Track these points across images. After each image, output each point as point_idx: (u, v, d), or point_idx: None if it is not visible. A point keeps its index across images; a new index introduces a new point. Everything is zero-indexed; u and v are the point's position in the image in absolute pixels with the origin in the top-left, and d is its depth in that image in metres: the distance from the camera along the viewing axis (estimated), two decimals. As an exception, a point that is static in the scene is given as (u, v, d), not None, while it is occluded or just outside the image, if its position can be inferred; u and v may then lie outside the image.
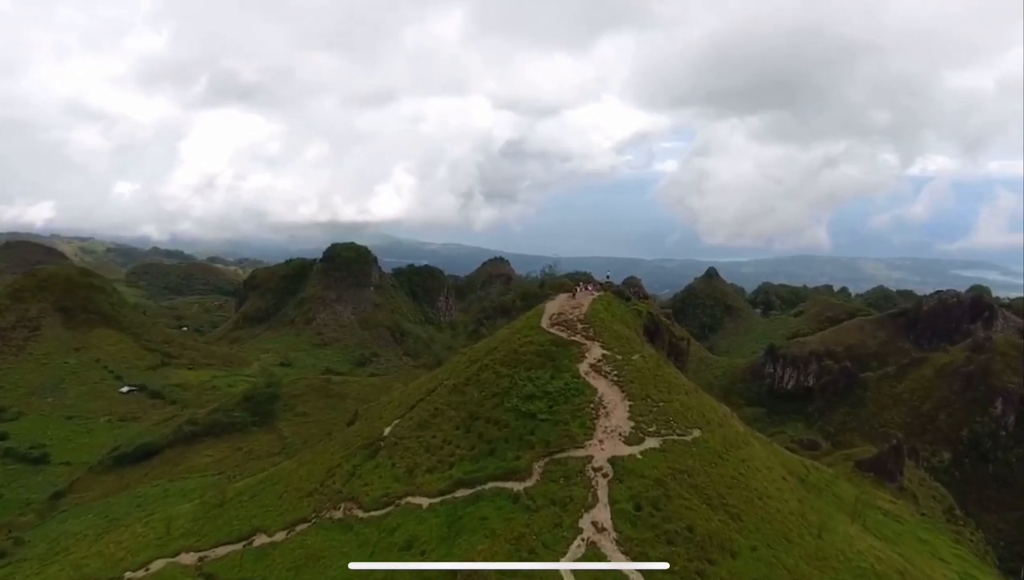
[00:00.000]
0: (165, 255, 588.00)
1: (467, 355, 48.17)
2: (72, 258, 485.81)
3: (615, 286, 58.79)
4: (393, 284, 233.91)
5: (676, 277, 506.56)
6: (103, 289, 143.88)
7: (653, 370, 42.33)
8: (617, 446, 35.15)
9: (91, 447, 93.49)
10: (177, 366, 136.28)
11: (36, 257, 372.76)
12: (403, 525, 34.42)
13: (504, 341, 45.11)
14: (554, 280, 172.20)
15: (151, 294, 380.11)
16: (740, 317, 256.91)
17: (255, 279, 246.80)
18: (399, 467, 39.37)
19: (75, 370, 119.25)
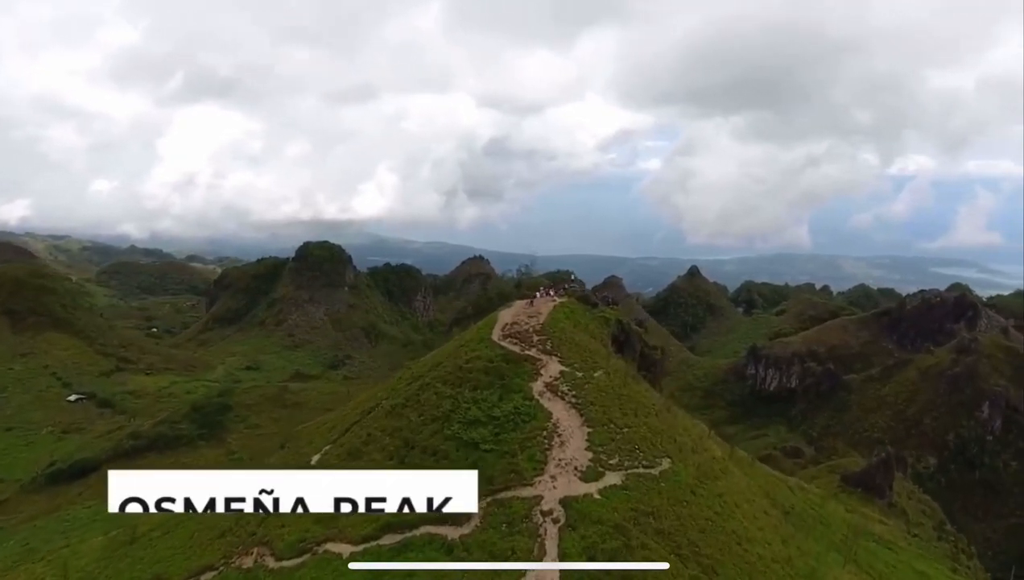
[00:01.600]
0: (143, 254, 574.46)
1: (410, 370, 42.85)
2: (44, 257, 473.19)
3: (580, 291, 53.80)
4: (368, 284, 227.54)
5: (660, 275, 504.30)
6: (55, 290, 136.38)
7: (618, 388, 37.26)
8: (571, 483, 29.99)
9: (29, 462, 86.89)
10: (134, 372, 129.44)
11: (4, 256, 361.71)
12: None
13: (450, 356, 39.84)
14: (530, 279, 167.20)
15: (123, 294, 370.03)
16: (723, 316, 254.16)
17: (226, 279, 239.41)
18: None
19: (20, 377, 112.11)
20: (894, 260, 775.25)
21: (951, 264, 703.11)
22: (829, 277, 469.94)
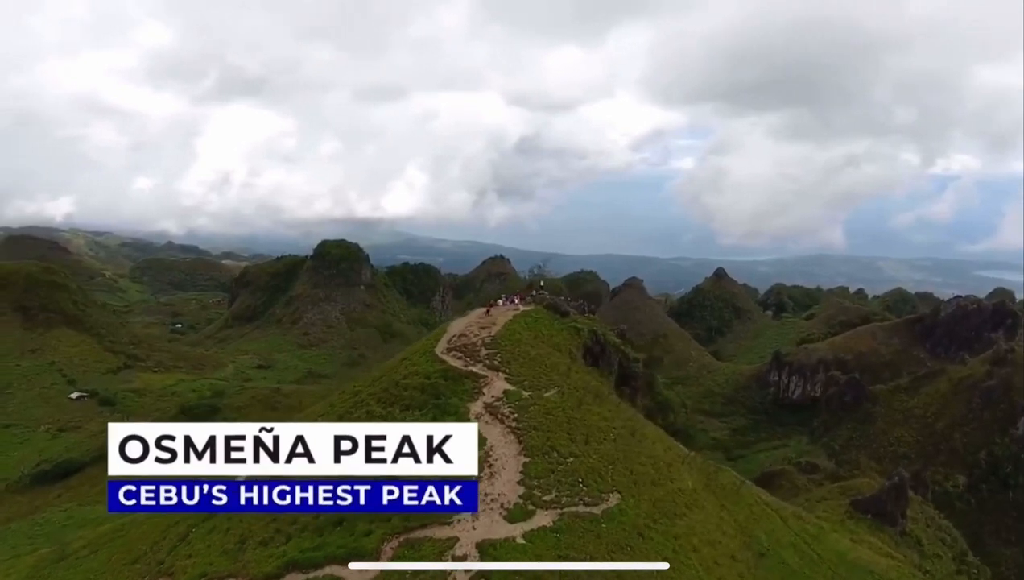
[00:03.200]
0: (180, 250, 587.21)
1: (353, 384, 39.63)
2: (84, 252, 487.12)
3: (549, 298, 49.94)
4: (386, 282, 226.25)
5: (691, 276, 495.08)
6: (67, 287, 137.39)
7: (571, 410, 33.45)
8: (494, 523, 26.34)
9: (21, 461, 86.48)
10: (141, 370, 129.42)
11: (39, 251, 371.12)
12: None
13: (388, 371, 36.49)
14: (546, 280, 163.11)
15: (154, 290, 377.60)
16: (749, 319, 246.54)
17: (246, 276, 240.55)
18: (233, 534, 30.92)
19: (26, 373, 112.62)
20: (935, 262, 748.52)
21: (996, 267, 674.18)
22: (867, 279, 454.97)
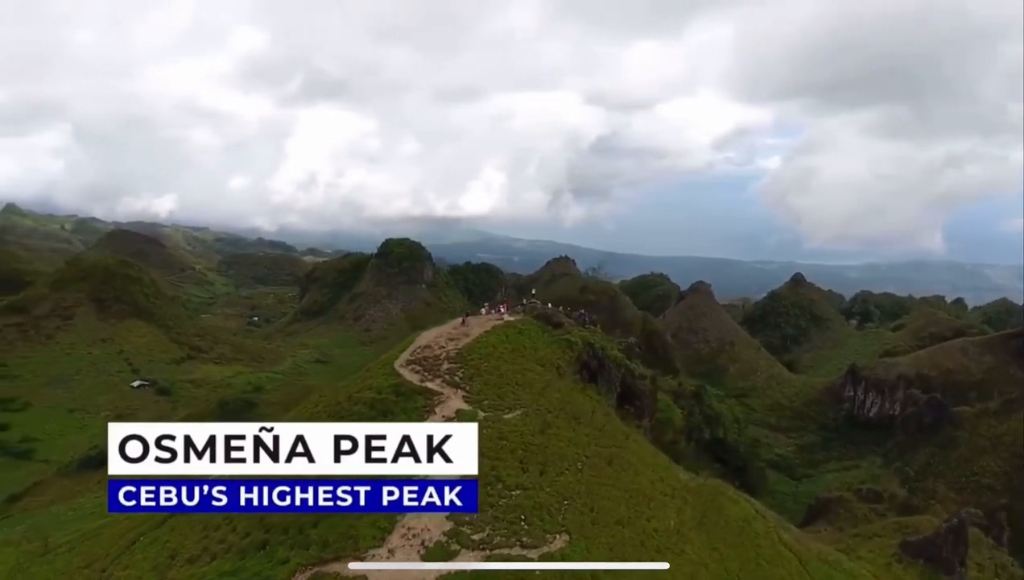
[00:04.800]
0: (268, 246, 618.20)
1: (319, 396, 37.92)
2: (181, 247, 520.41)
3: (540, 308, 46.49)
4: (447, 282, 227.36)
5: (774, 280, 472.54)
6: (140, 280, 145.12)
7: (531, 435, 30.28)
8: (409, 561, 23.72)
9: (78, 444, 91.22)
10: (203, 361, 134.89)
11: (138, 245, 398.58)
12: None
13: (345, 385, 34.48)
14: (598, 283, 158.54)
15: (239, 283, 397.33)
16: (829, 329, 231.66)
17: (315, 272, 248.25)
18: (168, 547, 29.82)
19: (96, 361, 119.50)
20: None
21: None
22: (971, 288, 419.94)
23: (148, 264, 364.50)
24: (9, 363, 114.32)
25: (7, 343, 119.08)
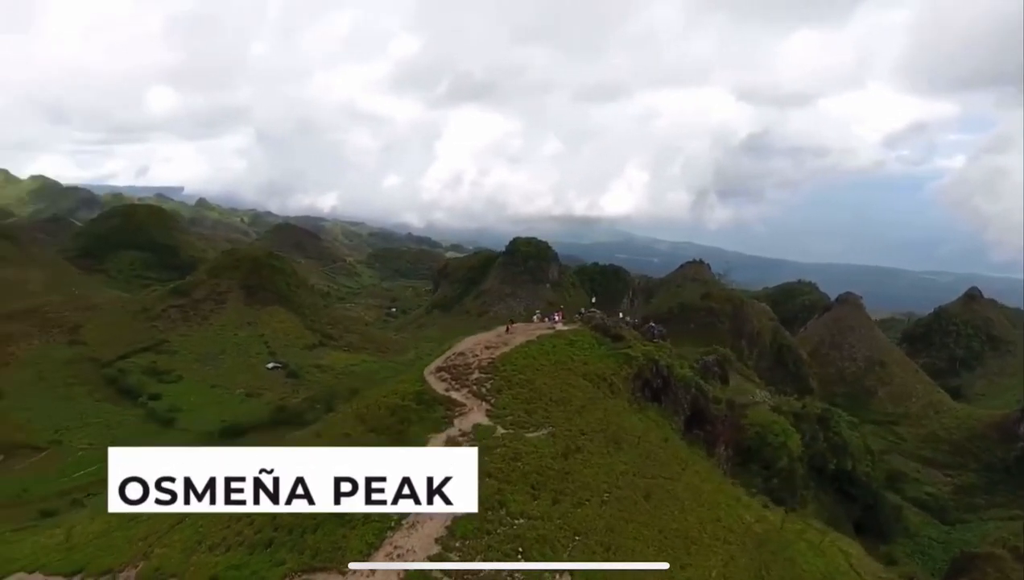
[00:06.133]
0: (415, 241, 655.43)
1: (358, 397, 37.80)
2: (338, 240, 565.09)
3: (599, 319, 42.92)
4: (573, 282, 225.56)
5: (948, 293, 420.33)
6: (283, 270, 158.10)
7: (552, 458, 27.83)
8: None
9: (212, 418, 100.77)
10: (333, 348, 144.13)
11: (297, 238, 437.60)
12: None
13: (381, 388, 33.96)
14: (724, 290, 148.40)
15: (383, 275, 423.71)
16: (1009, 353, 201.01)
17: (447, 268, 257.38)
18: (199, 532, 30.97)
19: (239, 343, 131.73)
20: None
21: None
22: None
23: (305, 255, 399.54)
24: (170, 340, 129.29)
25: (170, 322, 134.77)
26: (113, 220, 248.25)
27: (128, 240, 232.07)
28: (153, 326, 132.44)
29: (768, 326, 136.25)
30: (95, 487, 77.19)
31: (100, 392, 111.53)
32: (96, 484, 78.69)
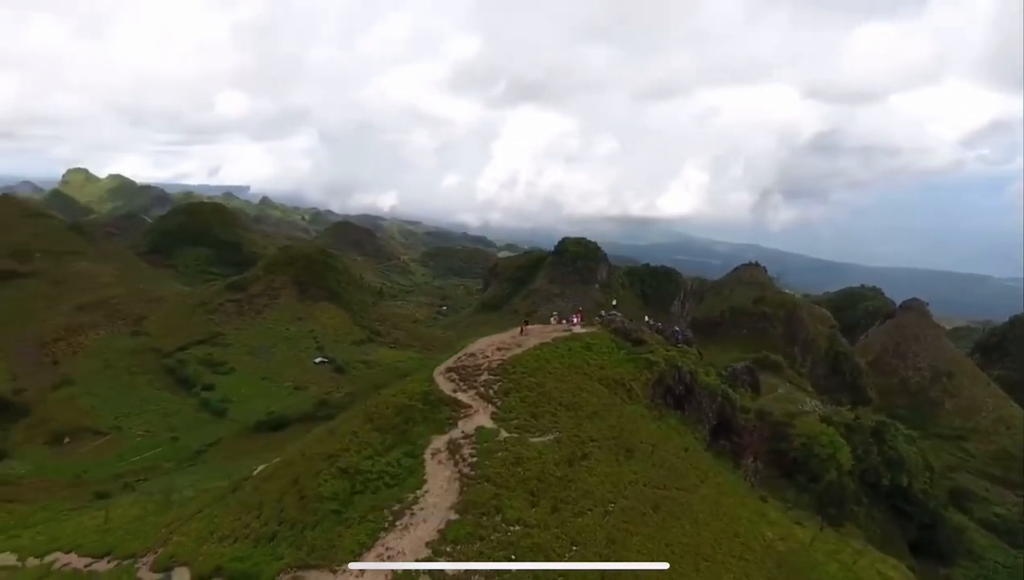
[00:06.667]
0: (470, 241, 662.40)
1: (375, 395, 37.90)
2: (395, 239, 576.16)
3: (620, 321, 41.52)
4: (623, 283, 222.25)
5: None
6: (335, 268, 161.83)
7: (555, 464, 27.12)
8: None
9: (261, 408, 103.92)
10: (380, 344, 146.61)
11: (355, 236, 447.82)
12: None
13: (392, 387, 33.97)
14: (777, 294, 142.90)
15: (436, 274, 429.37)
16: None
17: (497, 268, 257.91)
18: (214, 523, 31.68)
19: (290, 337, 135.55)
20: None
21: None
22: None
23: (362, 252, 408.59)
24: (226, 333, 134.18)
25: (227, 316, 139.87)
26: (180, 217, 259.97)
27: (194, 237, 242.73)
28: (210, 319, 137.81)
29: (824, 332, 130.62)
30: (147, 473, 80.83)
31: (159, 381, 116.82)
32: (148, 470, 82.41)
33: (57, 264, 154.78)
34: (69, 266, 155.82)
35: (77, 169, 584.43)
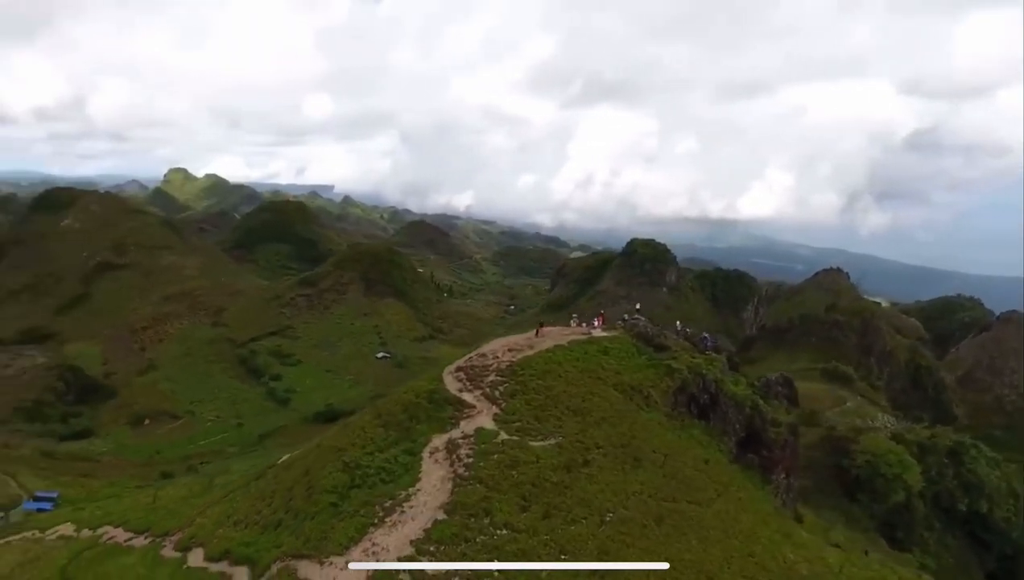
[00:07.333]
0: (543, 241, 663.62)
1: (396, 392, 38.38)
2: (469, 238, 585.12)
3: (642, 326, 39.91)
4: (692, 287, 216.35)
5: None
6: (401, 265, 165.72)
7: (552, 470, 26.63)
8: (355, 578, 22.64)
9: (320, 400, 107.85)
10: (441, 341, 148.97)
11: (428, 235, 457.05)
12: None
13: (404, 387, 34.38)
14: (853, 302, 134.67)
15: (507, 273, 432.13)
16: None
17: (564, 268, 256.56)
18: (233, 508, 33.11)
19: (355, 332, 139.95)
20: None
21: None
22: None
23: (435, 251, 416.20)
24: (295, 326, 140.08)
25: (297, 309, 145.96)
26: (264, 215, 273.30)
27: (276, 233, 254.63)
28: (282, 312, 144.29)
29: (904, 344, 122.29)
30: (212, 456, 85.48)
31: (232, 370, 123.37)
32: (214, 454, 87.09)
33: (149, 257, 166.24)
34: (159, 259, 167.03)
35: (177, 169, 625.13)
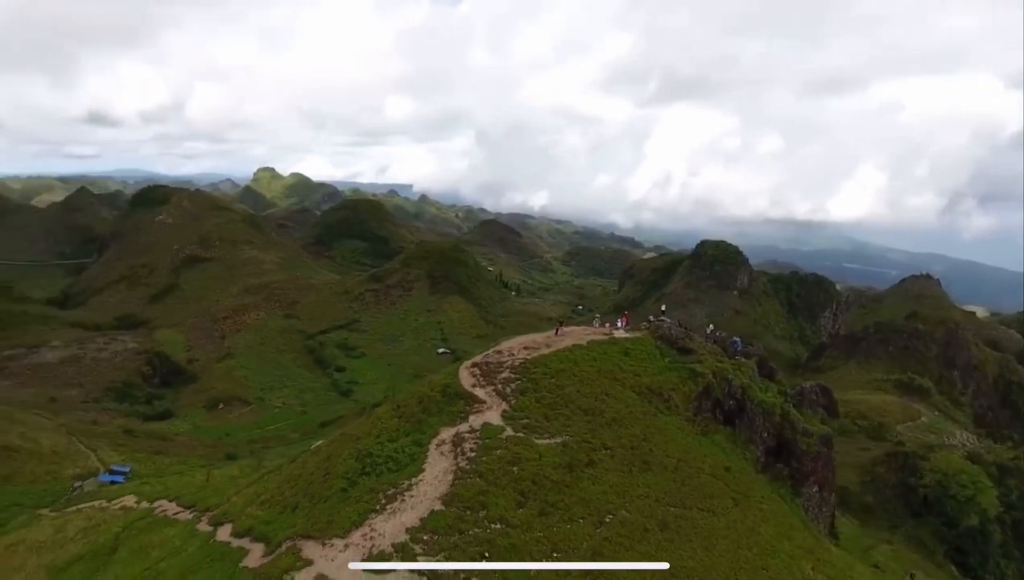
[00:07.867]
0: (617, 241, 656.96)
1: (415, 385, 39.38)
2: (542, 237, 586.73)
3: (668, 327, 38.70)
4: (765, 291, 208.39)
5: None
6: (466, 263, 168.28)
7: (554, 469, 26.78)
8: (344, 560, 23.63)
9: (379, 393, 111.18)
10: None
11: (500, 233, 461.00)
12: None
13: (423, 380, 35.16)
14: (938, 311, 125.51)
15: (578, 273, 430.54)
16: None
17: (632, 269, 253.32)
18: (264, 489, 34.98)
19: (418, 328, 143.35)
20: None
21: None
22: None
23: (506, 250, 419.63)
24: (362, 320, 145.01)
25: (365, 304, 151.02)
26: (342, 212, 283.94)
27: (351, 230, 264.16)
28: (350, 307, 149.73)
29: (994, 358, 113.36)
30: (275, 441, 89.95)
31: (301, 360, 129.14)
32: (277, 439, 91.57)
33: (232, 251, 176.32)
34: (241, 254, 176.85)
35: (265, 168, 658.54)
